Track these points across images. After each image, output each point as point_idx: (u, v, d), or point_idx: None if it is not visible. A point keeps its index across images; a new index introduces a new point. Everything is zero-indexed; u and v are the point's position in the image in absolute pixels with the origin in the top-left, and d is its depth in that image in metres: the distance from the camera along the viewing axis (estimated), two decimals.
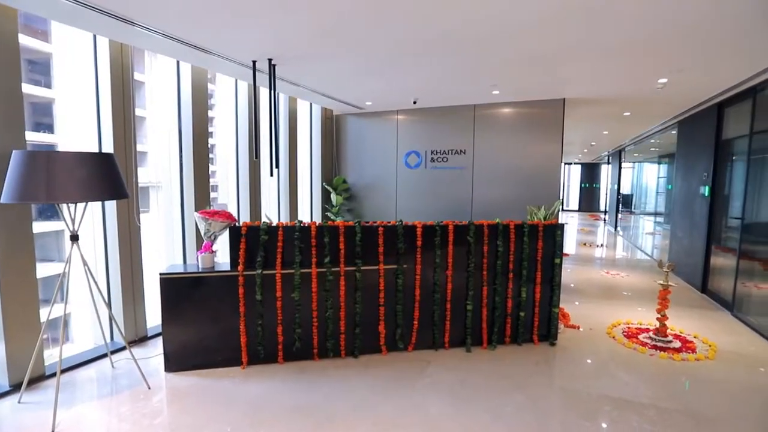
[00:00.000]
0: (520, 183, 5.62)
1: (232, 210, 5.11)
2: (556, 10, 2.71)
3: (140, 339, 3.82)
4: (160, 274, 3.20)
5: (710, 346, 3.83)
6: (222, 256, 3.76)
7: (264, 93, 5.01)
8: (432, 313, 3.65)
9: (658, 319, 3.96)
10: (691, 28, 2.99)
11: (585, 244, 10.55)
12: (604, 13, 2.77)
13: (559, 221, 4.06)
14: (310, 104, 6.49)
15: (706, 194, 5.61)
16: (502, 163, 5.72)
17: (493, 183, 5.78)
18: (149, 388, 2.99)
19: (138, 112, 3.83)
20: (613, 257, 8.93)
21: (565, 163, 20.28)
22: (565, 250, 9.26)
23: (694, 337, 4.05)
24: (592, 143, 11.54)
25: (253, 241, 3.35)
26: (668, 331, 4.02)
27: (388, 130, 6.50)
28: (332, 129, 6.95)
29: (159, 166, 4.44)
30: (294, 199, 6.14)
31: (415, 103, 5.73)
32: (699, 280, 5.75)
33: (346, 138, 6.90)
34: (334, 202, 6.74)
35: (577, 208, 20.40)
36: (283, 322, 3.38)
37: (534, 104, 5.55)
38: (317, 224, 3.45)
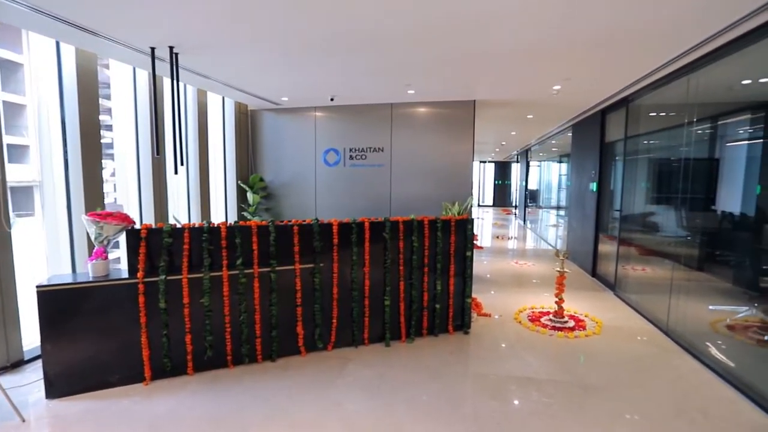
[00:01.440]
0: (436, 180, 5.87)
1: (133, 211, 4.64)
2: (461, 14, 2.85)
3: (14, 364, 3.30)
4: (37, 287, 2.79)
5: (597, 322, 4.34)
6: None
7: (169, 84, 4.62)
8: (351, 310, 3.66)
9: (556, 302, 4.39)
10: (576, 43, 3.34)
11: (498, 237, 11.34)
12: (503, 21, 2.97)
13: (475, 216, 4.31)
14: (223, 98, 6.13)
15: (594, 190, 6.34)
16: (419, 160, 5.92)
17: (410, 180, 5.96)
18: (23, 420, 2.59)
19: (15, 98, 3.29)
20: (523, 248, 9.71)
21: (480, 161, 21.62)
22: (481, 243, 9.86)
23: (585, 315, 4.56)
24: (503, 143, 12.43)
25: (155, 244, 3.07)
26: (565, 312, 4.47)
27: (306, 126, 6.38)
28: (247, 125, 6.64)
29: (42, 162, 3.87)
30: (206, 198, 5.76)
31: (332, 100, 5.69)
32: (590, 265, 6.48)
33: (262, 134, 6.64)
34: (250, 202, 6.45)
35: (491, 203, 21.86)
36: (192, 330, 3.15)
37: (447, 105, 5.82)
38: (228, 225, 3.26)
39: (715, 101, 5.77)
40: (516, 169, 18.81)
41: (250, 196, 6.45)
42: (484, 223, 14.33)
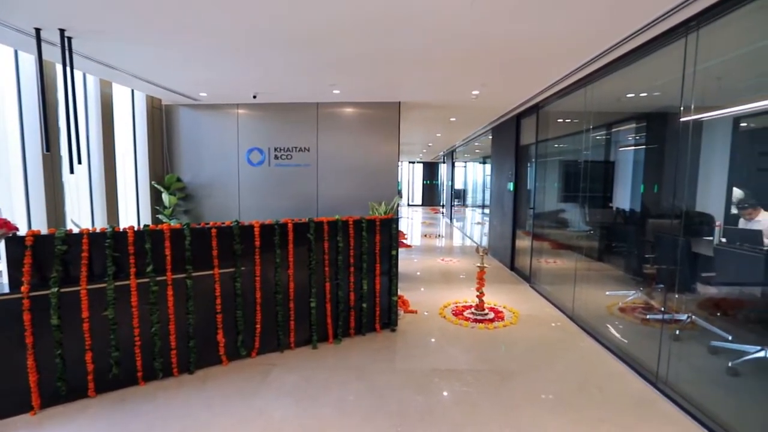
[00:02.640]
0: (363, 180, 5.91)
1: (19, 216, 4.07)
2: (378, 15, 2.90)
3: None
4: None
5: (514, 313, 4.67)
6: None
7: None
8: (275, 314, 3.55)
9: (477, 296, 4.64)
10: (489, 52, 3.56)
11: (427, 235, 11.72)
12: (419, 26, 3.07)
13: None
14: (132, 90, 5.62)
15: (511, 189, 6.81)
16: (346, 161, 5.92)
17: (337, 180, 5.93)
18: None
19: None
20: (450, 246, 10.13)
21: (409, 162, 22.21)
22: (411, 242, 10.12)
23: (503, 307, 4.88)
24: (429, 144, 12.88)
25: (44, 253, 2.72)
26: (485, 305, 4.74)
27: (228, 124, 6.08)
28: (162, 120, 6.16)
29: None
30: (113, 201, 5.24)
31: (255, 97, 5.48)
32: (509, 259, 6.95)
33: (179, 131, 6.20)
34: (166, 203, 5.99)
35: (420, 203, 22.55)
36: (93, 348, 2.84)
37: (373, 106, 5.89)
38: (136, 229, 2.99)
39: (608, 111, 6.49)
40: (443, 170, 19.63)
41: (165, 197, 5.98)
42: (414, 222, 14.73)
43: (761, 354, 3.31)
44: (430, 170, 22.32)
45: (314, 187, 6.00)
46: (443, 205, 18.07)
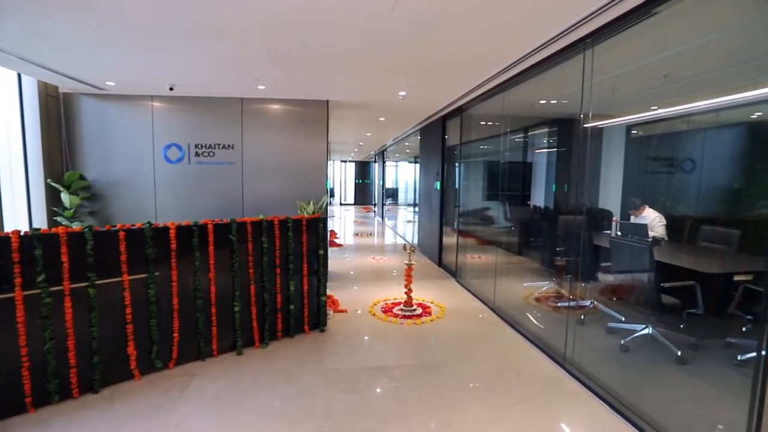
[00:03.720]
0: (291, 179, 5.77)
1: None
2: (299, 11, 2.84)
3: None
4: None
5: (441, 308, 4.85)
6: None
7: None
8: (195, 321, 3.34)
9: (405, 293, 4.75)
10: (414, 56, 3.66)
11: (359, 234, 11.76)
12: (341, 24, 3.06)
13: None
14: (18, 75, 4.93)
15: (438, 188, 7.08)
16: (273, 159, 5.74)
17: (264, 179, 5.73)
18: None
19: None
20: (382, 244, 10.26)
21: (342, 161, 22.13)
22: (343, 241, 10.09)
23: (431, 302, 5.05)
24: (360, 143, 12.93)
25: None
26: (413, 301, 4.87)
27: (142, 118, 5.58)
28: (59, 111, 5.49)
29: None
30: None
31: (171, 90, 5.09)
32: (437, 256, 7.22)
33: (81, 124, 5.57)
34: (67, 204, 5.35)
35: (353, 201, 22.58)
36: None
37: (301, 103, 5.77)
38: (21, 234, 2.63)
39: (524, 115, 7.01)
40: (375, 169, 19.84)
41: (66, 197, 5.34)
42: (346, 221, 14.72)
43: (646, 331, 3.78)
44: (363, 169, 22.43)
45: (239, 186, 5.73)
46: (375, 204, 18.26)
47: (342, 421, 2.60)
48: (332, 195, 22.05)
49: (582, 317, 4.46)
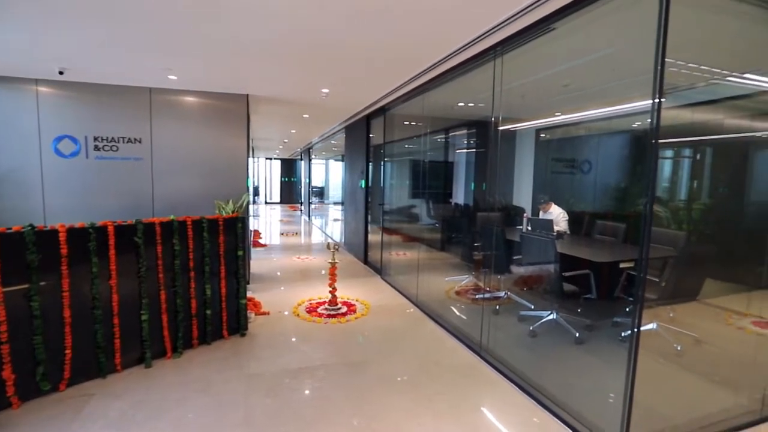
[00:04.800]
0: (209, 177, 5.41)
1: None
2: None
3: None
4: None
5: (366, 305, 4.89)
6: None
7: None
8: (94, 334, 3.00)
9: (330, 292, 4.72)
10: (334, 54, 3.63)
11: (285, 234, 11.43)
12: (260, 13, 2.95)
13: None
14: None
15: (363, 186, 7.13)
16: (189, 155, 5.34)
17: (178, 177, 5.31)
18: None
19: None
20: (309, 243, 10.07)
21: (267, 158, 21.35)
22: (269, 241, 9.75)
23: (356, 300, 5.07)
24: (285, 140, 12.57)
25: None
26: (338, 300, 4.85)
27: (24, 105, 4.86)
28: None
29: None
30: None
31: (61, 74, 4.50)
32: (362, 254, 7.27)
33: None
34: None
35: (279, 200, 21.90)
36: None
37: (219, 97, 5.44)
38: None
39: (445, 117, 7.33)
40: (301, 167, 19.44)
41: None
42: (272, 221, 14.23)
43: (552, 317, 4.15)
44: (289, 167, 21.84)
45: (149, 185, 5.24)
46: (302, 203, 17.90)
47: (263, 428, 2.51)
48: (256, 194, 21.18)
49: (497, 307, 4.78)
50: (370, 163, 7.19)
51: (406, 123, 6.66)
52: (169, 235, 3.36)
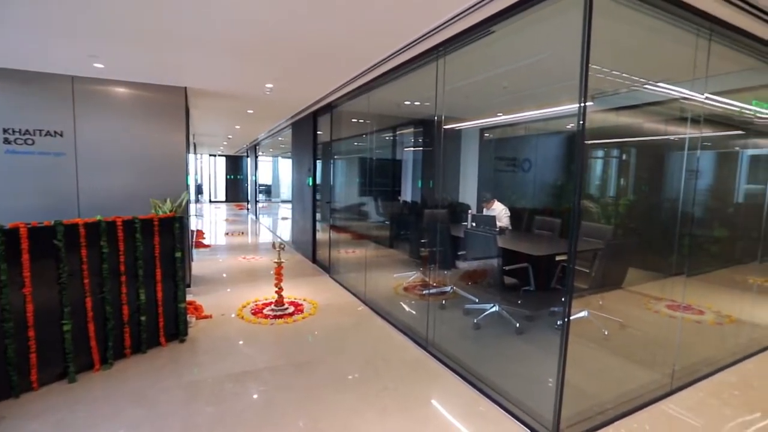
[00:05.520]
0: (143, 174, 5.05)
1: None
2: None
3: None
4: None
5: (313, 304, 4.82)
6: None
7: None
8: (3, 349, 2.70)
9: (276, 292, 4.60)
10: (278, 47, 3.53)
11: (231, 233, 10.98)
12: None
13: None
14: None
15: (310, 184, 7.01)
16: (120, 151, 4.94)
17: (108, 174, 4.90)
18: None
19: None
20: (256, 243, 9.74)
21: (210, 155, 20.40)
22: (213, 241, 9.33)
23: (304, 300, 4.99)
24: (230, 136, 12.07)
25: None
26: (285, 300, 4.75)
27: None
28: None
29: None
30: None
31: None
32: (311, 253, 7.16)
33: None
34: None
35: (224, 199, 21.01)
36: None
37: (154, 88, 5.09)
38: None
39: (392, 115, 7.39)
40: (248, 164, 18.76)
41: None
42: (217, 220, 13.63)
43: (494, 309, 4.32)
44: (235, 164, 21.01)
45: (73, 183, 4.79)
46: (249, 201, 17.29)
47: None
48: (200, 192, 20.18)
49: (443, 302, 4.91)
50: (319, 161, 7.09)
51: (354, 120, 6.64)
52: (96, 237, 3.09)
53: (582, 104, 2.19)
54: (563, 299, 4.19)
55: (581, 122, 2.21)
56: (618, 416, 2.68)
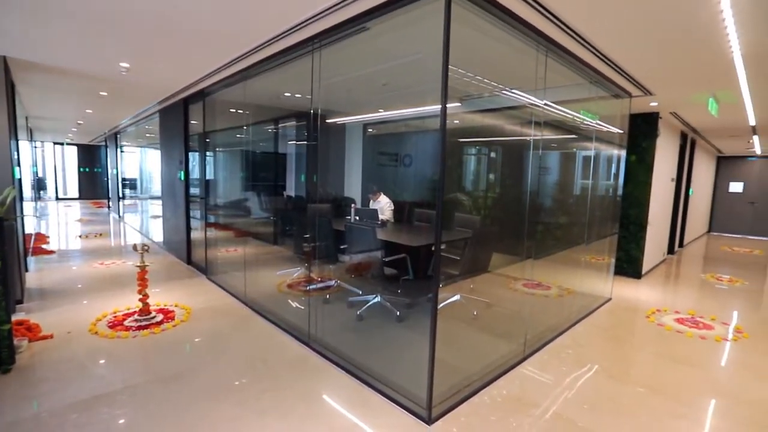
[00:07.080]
0: None
1: None
2: None
3: None
4: None
5: (186, 310, 4.40)
6: None
7: None
8: None
9: (140, 299, 4.07)
10: (131, 24, 3.07)
11: (86, 236, 9.40)
12: None
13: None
14: None
15: (182, 178, 6.36)
16: None
17: None
18: None
19: None
20: (120, 245, 8.50)
21: (55, 143, 17.17)
22: (59, 245, 7.91)
23: (175, 305, 4.51)
24: (80, 122, 10.28)
25: None
26: (152, 307, 4.24)
27: None
28: None
29: None
30: None
31: None
32: (185, 253, 6.51)
33: None
34: None
35: (77, 195, 17.93)
36: None
37: None
38: None
39: (272, 106, 7.09)
40: (108, 155, 16.23)
41: None
42: (67, 221, 11.54)
43: (376, 299, 4.46)
44: (90, 154, 18.01)
45: None
46: (110, 198, 15.03)
47: None
48: (42, 188, 16.88)
49: (327, 296, 4.91)
50: (195, 153, 6.45)
51: (232, 111, 6.19)
52: None
53: (443, 105, 2.35)
54: (442, 285, 4.53)
55: (442, 120, 2.38)
56: (483, 385, 3.00)
